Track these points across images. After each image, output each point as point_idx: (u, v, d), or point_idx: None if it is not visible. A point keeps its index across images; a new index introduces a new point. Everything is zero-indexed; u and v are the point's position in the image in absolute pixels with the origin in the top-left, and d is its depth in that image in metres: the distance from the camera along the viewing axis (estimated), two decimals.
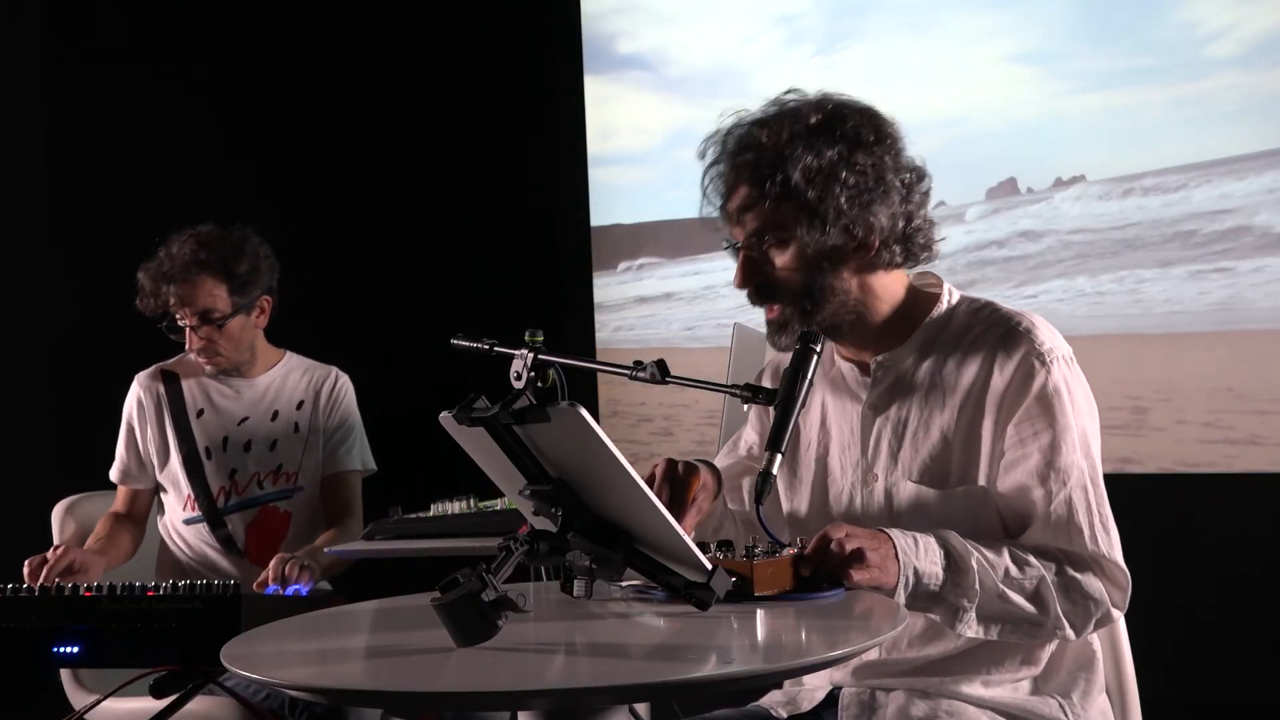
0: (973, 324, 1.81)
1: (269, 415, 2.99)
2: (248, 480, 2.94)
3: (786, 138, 1.75)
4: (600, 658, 1.47)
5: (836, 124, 1.76)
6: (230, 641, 1.53)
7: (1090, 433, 1.76)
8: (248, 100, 4.92)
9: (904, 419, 1.81)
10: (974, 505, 1.74)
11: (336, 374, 3.06)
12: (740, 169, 1.78)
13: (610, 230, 5.11)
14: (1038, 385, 1.72)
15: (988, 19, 4.13)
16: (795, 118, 1.77)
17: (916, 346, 1.83)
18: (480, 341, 1.87)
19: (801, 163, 1.73)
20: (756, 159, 1.76)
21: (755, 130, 1.79)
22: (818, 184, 1.73)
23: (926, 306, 1.85)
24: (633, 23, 5.10)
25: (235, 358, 2.96)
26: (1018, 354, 1.74)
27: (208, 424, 2.97)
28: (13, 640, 2.11)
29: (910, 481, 1.78)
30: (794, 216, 1.75)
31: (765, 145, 1.76)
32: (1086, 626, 1.70)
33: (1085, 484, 1.71)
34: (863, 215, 1.75)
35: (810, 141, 1.74)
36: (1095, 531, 1.70)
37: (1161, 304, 3.75)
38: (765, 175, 1.75)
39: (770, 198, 1.75)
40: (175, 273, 2.85)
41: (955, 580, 1.63)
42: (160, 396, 2.99)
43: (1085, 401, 1.76)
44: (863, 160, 1.74)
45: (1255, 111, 3.60)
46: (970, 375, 1.77)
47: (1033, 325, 1.77)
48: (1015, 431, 1.73)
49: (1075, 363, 1.77)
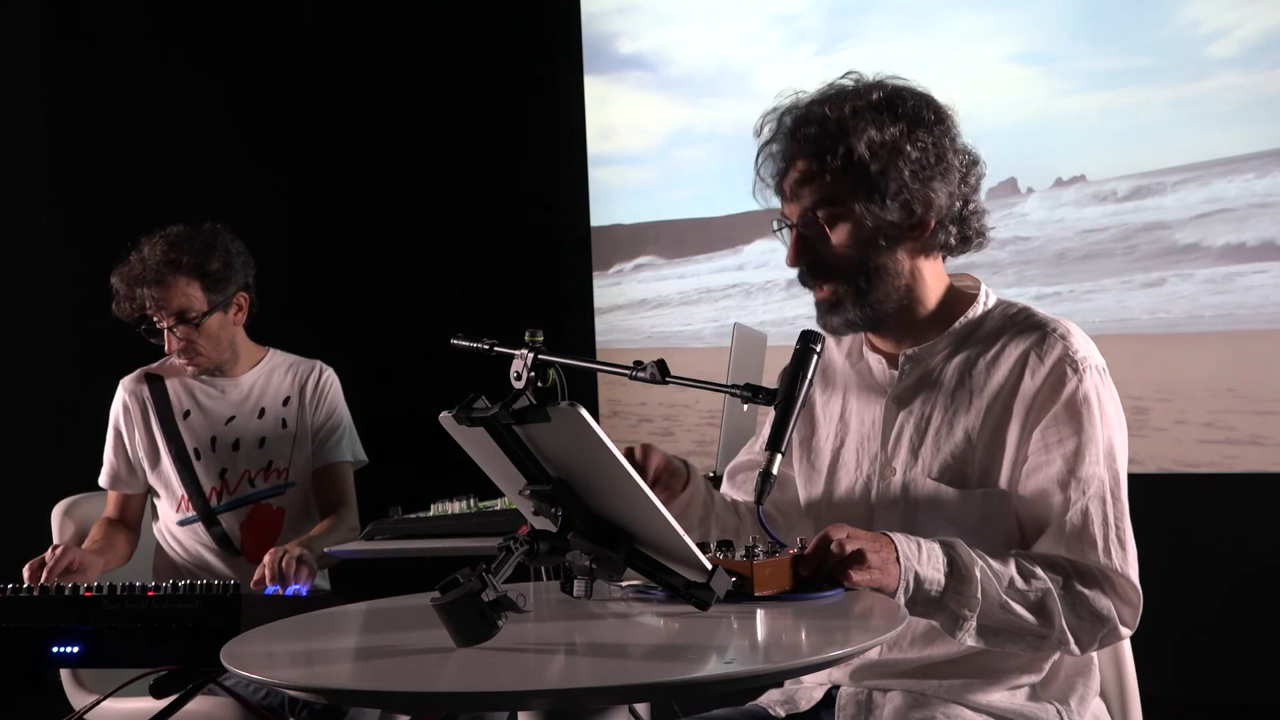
0: (1007, 327, 1.80)
1: (256, 413, 2.98)
2: (238, 479, 2.93)
3: (849, 112, 1.73)
4: (600, 658, 1.47)
5: (898, 102, 1.75)
6: (230, 641, 1.52)
7: (1117, 445, 1.73)
8: (248, 99, 4.92)
9: (928, 415, 1.79)
10: (992, 508, 1.73)
11: (321, 367, 3.05)
12: (801, 142, 1.75)
13: (610, 230, 5.11)
14: (1068, 392, 1.70)
15: (988, 19, 4.13)
16: (856, 95, 1.76)
17: (948, 344, 1.81)
18: (480, 341, 1.87)
19: (865, 135, 1.71)
20: (819, 132, 1.73)
21: (815, 107, 1.76)
22: (880, 157, 1.71)
23: (962, 306, 1.83)
24: (633, 23, 5.10)
25: (216, 357, 2.95)
26: (1051, 359, 1.72)
27: (195, 425, 2.96)
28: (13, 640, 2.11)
29: (929, 479, 1.76)
30: (854, 189, 1.73)
31: (828, 117, 1.73)
32: (1093, 643, 1.68)
33: (1105, 496, 1.69)
34: (923, 191, 1.74)
35: (873, 116, 1.73)
36: (1110, 545, 1.67)
37: (1162, 304, 3.75)
38: (826, 147, 1.73)
39: (831, 170, 1.73)
40: (148, 275, 2.85)
41: (957, 588, 1.62)
42: (145, 399, 2.98)
43: (1115, 414, 1.74)
44: (924, 138, 1.74)
45: (1255, 111, 3.60)
46: (1000, 377, 1.76)
47: (1068, 332, 1.75)
48: (1041, 437, 1.71)
49: (1108, 374, 1.75)
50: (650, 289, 5.04)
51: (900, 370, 1.83)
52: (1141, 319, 3.78)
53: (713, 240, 4.80)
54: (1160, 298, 3.75)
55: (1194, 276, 3.71)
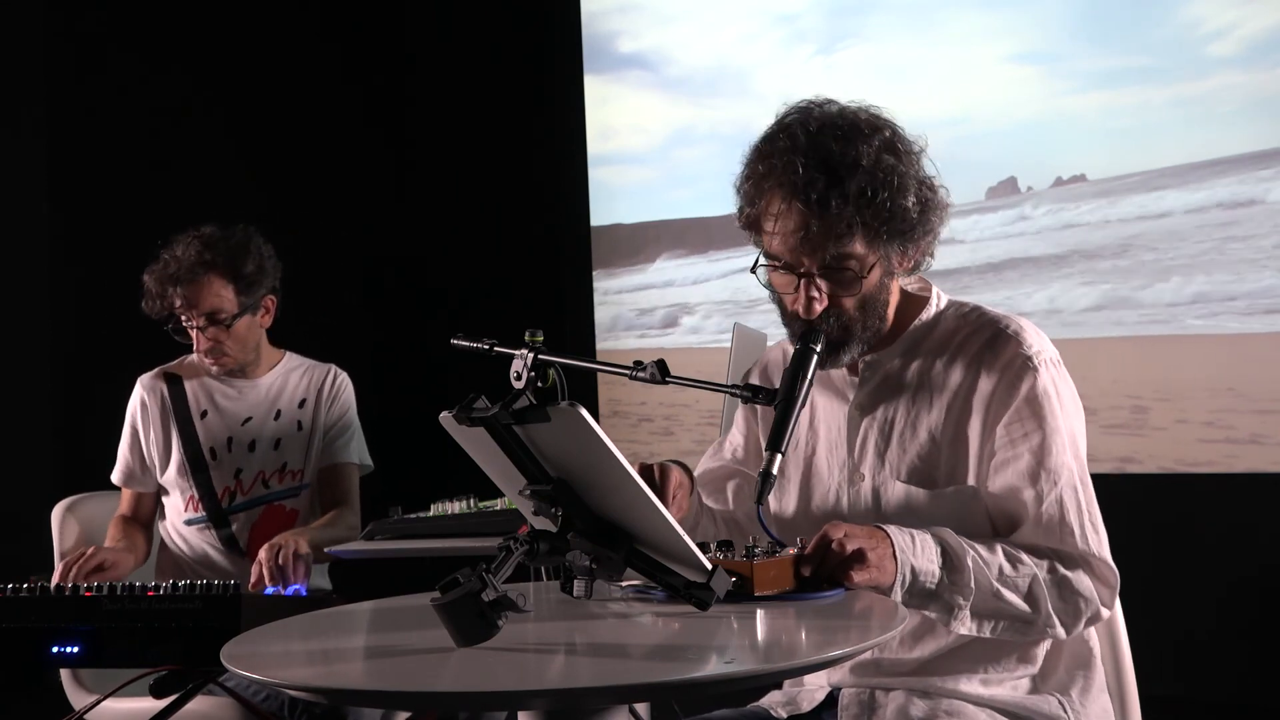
0: (960, 327, 1.82)
1: (272, 414, 3.00)
2: (253, 479, 2.95)
3: (875, 159, 1.68)
4: (600, 658, 1.47)
5: (895, 140, 1.72)
6: (230, 641, 1.53)
7: (1078, 434, 1.77)
8: (247, 100, 4.92)
9: (890, 419, 1.81)
10: (963, 505, 1.75)
11: (336, 371, 3.09)
12: (845, 198, 1.66)
13: (610, 230, 5.11)
14: (1026, 387, 1.73)
15: (988, 19, 4.13)
16: (868, 134, 1.70)
17: (904, 348, 1.84)
18: (480, 341, 1.87)
19: (909, 188, 1.69)
20: (866, 186, 1.66)
21: (842, 150, 1.68)
22: (920, 204, 1.71)
23: (915, 309, 1.86)
24: (633, 22, 5.10)
25: (241, 358, 2.97)
26: (1005, 356, 1.75)
27: (211, 425, 2.98)
28: (13, 640, 2.11)
29: (899, 481, 1.78)
30: (885, 243, 1.71)
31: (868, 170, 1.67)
32: (1077, 625, 1.71)
33: (1075, 484, 1.72)
34: (929, 225, 1.75)
35: (896, 162, 1.69)
36: (1086, 531, 1.71)
37: (1162, 303, 3.75)
38: (877, 205, 1.67)
39: (872, 227, 1.68)
40: (182, 274, 2.86)
41: (952, 578, 1.64)
42: (164, 398, 3.00)
43: (1073, 403, 1.78)
44: (922, 172, 1.74)
45: (1255, 111, 3.60)
46: (958, 376, 1.78)
47: (1020, 328, 1.78)
48: (1005, 432, 1.73)
49: (1062, 365, 1.78)
50: (650, 289, 5.03)
51: (860, 377, 1.85)
52: (1142, 318, 3.78)
53: (713, 240, 4.80)
54: (1160, 297, 3.75)
55: (1194, 276, 3.71)
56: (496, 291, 4.99)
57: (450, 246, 5.16)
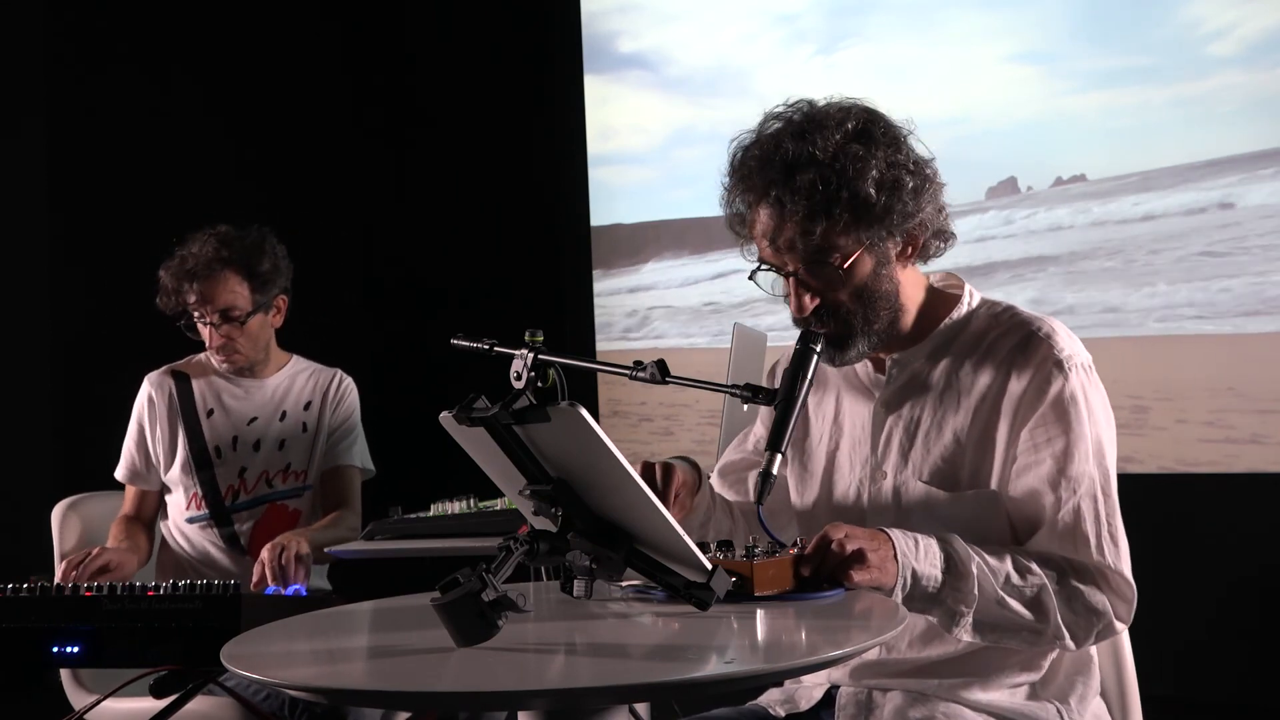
0: (991, 327, 1.79)
1: (278, 415, 3.02)
2: (256, 479, 2.97)
3: (839, 149, 1.67)
4: (600, 658, 1.47)
5: (871, 126, 1.71)
6: (230, 641, 1.53)
7: (1105, 443, 1.73)
8: (247, 100, 4.92)
9: (916, 419, 1.79)
10: (983, 509, 1.73)
11: (342, 375, 3.12)
12: (798, 191, 1.66)
13: (610, 230, 5.11)
14: (1054, 391, 1.70)
15: (988, 19, 4.13)
16: (835, 126, 1.69)
17: (933, 347, 1.81)
18: (480, 341, 1.87)
19: (869, 174, 1.66)
20: (817, 177, 1.66)
21: (798, 145, 1.67)
22: (885, 189, 1.68)
23: (947, 307, 1.83)
24: (633, 22, 5.10)
25: (252, 356, 3.00)
26: (1036, 359, 1.72)
27: (217, 424, 2.99)
28: (13, 640, 2.11)
29: (920, 481, 1.77)
30: (864, 230, 1.69)
31: (820, 160, 1.66)
32: (1088, 638, 1.68)
33: (1096, 494, 1.69)
34: (917, 212, 1.72)
35: (863, 149, 1.68)
36: (1102, 542, 1.68)
37: (1162, 303, 3.75)
38: (832, 193, 1.66)
39: (839, 217, 1.67)
40: (198, 270, 2.89)
41: (954, 584, 1.63)
42: (171, 395, 3.02)
43: (1102, 411, 1.74)
44: (903, 157, 1.71)
45: (1255, 111, 3.60)
46: (987, 379, 1.75)
47: (1053, 331, 1.75)
48: (1029, 437, 1.71)
49: (1094, 371, 1.75)
50: (650, 289, 5.04)
51: (888, 375, 1.83)
52: (1142, 318, 3.78)
53: (713, 240, 4.79)
54: (1160, 297, 3.75)
55: (1194, 276, 3.71)
56: (496, 291, 4.99)
57: (450, 246, 5.16)
